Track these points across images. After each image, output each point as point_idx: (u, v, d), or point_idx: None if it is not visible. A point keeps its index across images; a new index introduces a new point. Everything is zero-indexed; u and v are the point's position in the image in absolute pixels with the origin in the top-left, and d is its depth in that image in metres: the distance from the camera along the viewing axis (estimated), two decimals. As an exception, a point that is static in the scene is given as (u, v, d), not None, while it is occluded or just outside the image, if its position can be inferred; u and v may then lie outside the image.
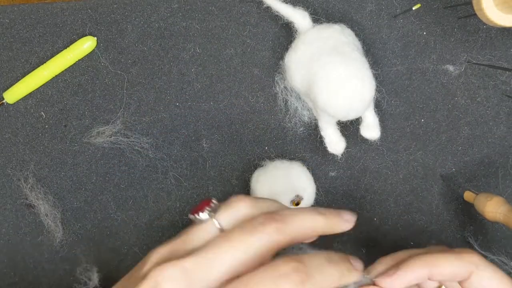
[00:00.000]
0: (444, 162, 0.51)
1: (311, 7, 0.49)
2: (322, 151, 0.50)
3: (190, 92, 0.51)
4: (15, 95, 0.50)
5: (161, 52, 0.51)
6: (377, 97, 0.49)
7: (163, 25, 0.51)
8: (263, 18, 0.51)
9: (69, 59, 0.50)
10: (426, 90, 0.51)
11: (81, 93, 0.51)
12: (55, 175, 0.51)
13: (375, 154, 0.51)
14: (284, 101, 0.50)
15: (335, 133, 0.48)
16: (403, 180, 0.51)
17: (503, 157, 0.51)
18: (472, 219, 0.51)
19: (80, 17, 0.50)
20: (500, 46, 0.50)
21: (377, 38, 0.51)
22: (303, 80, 0.46)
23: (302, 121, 0.50)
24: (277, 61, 0.50)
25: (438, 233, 0.51)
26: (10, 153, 0.51)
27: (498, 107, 0.51)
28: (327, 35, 0.45)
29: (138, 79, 0.51)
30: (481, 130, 0.51)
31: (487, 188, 0.51)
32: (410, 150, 0.51)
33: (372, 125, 0.48)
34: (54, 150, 0.51)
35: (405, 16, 0.51)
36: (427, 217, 0.51)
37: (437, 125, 0.51)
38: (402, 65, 0.51)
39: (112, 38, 0.51)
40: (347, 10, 0.50)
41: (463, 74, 0.51)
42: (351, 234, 0.51)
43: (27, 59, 0.51)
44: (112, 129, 0.50)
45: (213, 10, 0.51)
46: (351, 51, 0.44)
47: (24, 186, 0.50)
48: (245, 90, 0.51)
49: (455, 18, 0.51)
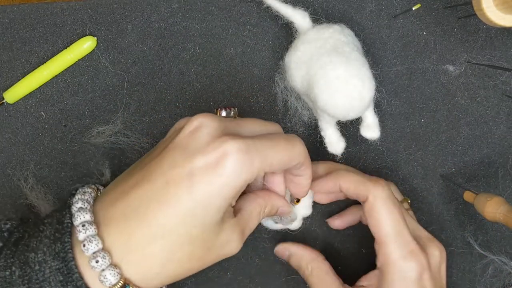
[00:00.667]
0: (444, 162, 0.51)
1: (311, 7, 0.49)
2: (322, 151, 0.50)
3: (190, 92, 0.51)
4: (15, 95, 0.50)
5: (161, 52, 0.51)
6: (377, 97, 0.49)
7: (163, 25, 0.51)
8: (263, 18, 0.51)
9: (69, 59, 0.50)
10: (426, 90, 0.51)
11: (81, 93, 0.51)
12: (55, 175, 0.51)
13: (375, 154, 0.51)
14: (284, 101, 0.50)
15: (335, 133, 0.48)
16: (403, 180, 0.51)
17: (503, 157, 0.51)
18: (472, 219, 0.51)
19: (80, 17, 0.50)
20: (500, 46, 0.50)
21: (377, 38, 0.51)
22: (303, 80, 0.46)
23: (302, 121, 0.50)
24: (277, 61, 0.50)
25: (438, 233, 0.51)
26: (10, 153, 0.51)
27: (498, 107, 0.51)
28: (327, 35, 0.45)
29: (138, 79, 0.51)
30: (481, 130, 0.51)
31: (487, 188, 0.51)
32: (410, 150, 0.51)
33: (372, 125, 0.48)
34: (54, 150, 0.51)
35: (405, 16, 0.51)
36: (427, 217, 0.51)
37: (437, 125, 0.51)
38: (402, 65, 0.51)
39: (112, 38, 0.51)
40: (347, 10, 0.50)
41: (463, 74, 0.51)
42: (351, 234, 0.51)
43: (27, 59, 0.51)
44: (112, 129, 0.50)
45: (213, 10, 0.51)
46: (351, 51, 0.44)
47: (24, 186, 0.50)
48: (245, 90, 0.51)
49: (455, 18, 0.51)
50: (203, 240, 0.34)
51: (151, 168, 0.34)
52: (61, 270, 0.33)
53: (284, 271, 0.51)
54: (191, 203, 0.33)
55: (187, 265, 0.35)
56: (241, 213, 0.38)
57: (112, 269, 0.33)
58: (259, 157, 0.34)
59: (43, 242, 0.34)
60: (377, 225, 0.41)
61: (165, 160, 0.34)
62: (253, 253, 0.51)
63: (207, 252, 0.35)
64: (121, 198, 0.35)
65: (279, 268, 0.51)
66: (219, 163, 0.33)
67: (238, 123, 0.38)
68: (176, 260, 0.34)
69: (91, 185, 0.39)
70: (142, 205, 0.34)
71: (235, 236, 0.37)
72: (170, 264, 0.34)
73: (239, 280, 0.51)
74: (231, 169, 0.33)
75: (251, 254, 0.51)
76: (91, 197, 0.37)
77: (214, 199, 0.33)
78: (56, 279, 0.33)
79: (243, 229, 0.38)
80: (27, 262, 0.34)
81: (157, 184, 0.34)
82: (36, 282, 0.33)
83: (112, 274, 0.33)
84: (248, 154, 0.34)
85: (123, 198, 0.35)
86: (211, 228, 0.34)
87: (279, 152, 0.36)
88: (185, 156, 0.33)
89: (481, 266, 0.50)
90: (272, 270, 0.51)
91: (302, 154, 0.38)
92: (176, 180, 0.33)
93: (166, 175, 0.33)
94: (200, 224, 0.34)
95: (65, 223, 0.35)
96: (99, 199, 0.37)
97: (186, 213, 0.33)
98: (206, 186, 0.33)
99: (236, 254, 0.50)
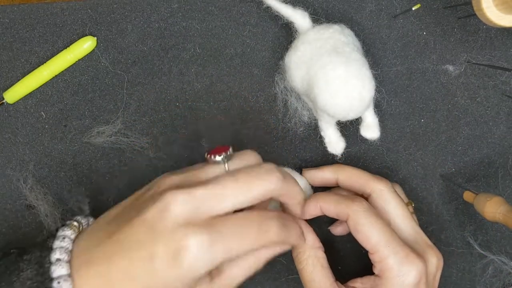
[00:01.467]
0: (444, 162, 0.51)
1: (311, 7, 0.49)
2: (322, 151, 0.50)
3: (190, 92, 0.51)
4: (15, 95, 0.50)
5: (161, 52, 0.51)
6: (377, 97, 0.49)
7: (163, 25, 0.51)
8: (263, 18, 0.51)
9: (69, 59, 0.50)
10: (426, 90, 0.51)
11: (81, 93, 0.51)
12: (55, 175, 0.51)
13: (375, 154, 0.51)
14: (284, 101, 0.50)
15: (335, 133, 0.48)
16: (403, 180, 0.51)
17: (503, 157, 0.51)
18: (472, 219, 0.51)
19: (80, 17, 0.50)
20: (500, 46, 0.50)
21: (377, 38, 0.51)
22: (303, 80, 0.46)
23: (302, 121, 0.50)
24: (277, 61, 0.50)
25: (438, 233, 0.51)
26: (10, 153, 0.51)
27: (498, 107, 0.51)
28: (327, 35, 0.45)
29: (138, 79, 0.51)
30: (481, 130, 0.51)
31: (487, 188, 0.51)
32: (410, 150, 0.51)
33: (372, 125, 0.48)
34: (54, 150, 0.51)
35: (405, 16, 0.51)
36: (427, 217, 0.51)
37: (437, 125, 0.51)
38: (402, 65, 0.51)
39: (112, 38, 0.51)
40: (347, 10, 0.50)
41: (463, 74, 0.51)
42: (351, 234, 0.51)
43: (27, 59, 0.51)
44: (112, 129, 0.50)
45: (213, 10, 0.51)
46: (351, 51, 0.44)
47: (23, 186, 0.50)
48: (245, 90, 0.51)
49: (455, 18, 0.51)
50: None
51: (120, 242, 0.36)
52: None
53: (284, 271, 0.51)
54: (152, 283, 0.35)
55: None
56: (221, 276, 0.39)
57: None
58: (222, 250, 0.35)
59: (26, 284, 0.35)
60: (365, 238, 0.42)
61: (133, 235, 0.36)
62: (253, 253, 0.51)
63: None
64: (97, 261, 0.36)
65: (279, 268, 0.51)
66: (178, 256, 0.34)
67: (216, 197, 0.36)
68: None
69: (73, 223, 0.40)
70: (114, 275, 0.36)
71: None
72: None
73: (239, 280, 0.51)
74: (189, 263, 0.34)
75: (251, 254, 0.51)
76: (70, 243, 0.38)
77: (172, 284, 0.35)
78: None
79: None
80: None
81: (124, 262, 0.35)
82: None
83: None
84: (210, 248, 0.34)
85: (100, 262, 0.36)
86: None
87: (248, 242, 0.36)
88: (150, 239, 0.35)
89: (481, 266, 0.50)
90: (272, 270, 0.51)
91: (276, 237, 0.37)
92: (141, 260, 0.35)
93: (132, 250, 0.35)
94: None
95: (45, 267, 0.36)
96: (77, 245, 0.38)
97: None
98: (164, 273, 0.35)
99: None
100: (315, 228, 0.51)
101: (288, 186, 0.39)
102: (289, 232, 0.39)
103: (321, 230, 0.51)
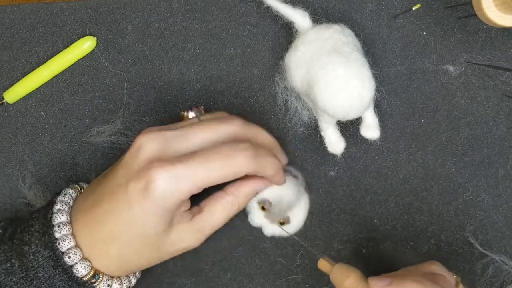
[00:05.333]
0: (444, 162, 0.51)
1: (311, 7, 0.49)
2: (322, 151, 0.50)
3: (190, 92, 0.51)
4: (15, 95, 0.50)
5: (161, 52, 0.51)
6: (377, 97, 0.49)
7: (163, 25, 0.51)
8: (263, 18, 0.51)
9: (69, 59, 0.50)
10: (426, 90, 0.51)
11: (81, 93, 0.51)
12: (55, 175, 0.51)
13: (375, 154, 0.51)
14: (284, 101, 0.50)
15: (335, 133, 0.48)
16: (403, 180, 0.51)
17: (503, 157, 0.51)
18: (472, 219, 0.51)
19: (80, 17, 0.50)
20: (500, 46, 0.50)
21: (377, 38, 0.51)
22: (303, 80, 0.46)
23: (302, 121, 0.50)
24: (277, 61, 0.50)
25: (438, 233, 0.51)
26: (10, 152, 0.51)
27: (498, 107, 0.51)
28: (327, 35, 0.45)
29: (138, 79, 0.51)
30: (481, 130, 0.51)
31: (487, 188, 0.51)
32: (410, 150, 0.51)
33: (372, 125, 0.48)
34: (54, 150, 0.51)
35: (405, 16, 0.51)
36: (427, 217, 0.51)
37: (437, 125, 0.51)
38: (402, 65, 0.51)
39: (112, 38, 0.51)
40: (347, 10, 0.50)
41: (463, 74, 0.51)
42: (351, 234, 0.51)
43: (27, 59, 0.51)
44: (112, 129, 0.50)
45: (213, 10, 0.51)
46: (351, 51, 0.44)
47: (22, 186, 0.50)
48: (245, 90, 0.51)
49: (455, 18, 0.51)
50: (150, 243, 0.41)
51: (108, 184, 0.41)
52: (51, 257, 0.40)
53: (284, 271, 0.51)
54: (131, 217, 0.40)
55: (143, 260, 0.42)
56: (202, 213, 0.43)
57: (83, 262, 0.40)
58: (187, 181, 0.39)
59: (34, 235, 0.41)
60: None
61: (115, 179, 0.41)
62: (253, 253, 0.51)
63: (158, 250, 0.42)
64: (90, 207, 0.42)
65: (279, 268, 0.51)
66: (147, 189, 0.39)
67: (184, 136, 0.41)
68: (131, 257, 0.41)
69: (75, 185, 0.46)
70: (101, 215, 0.41)
71: (189, 235, 0.42)
72: (127, 260, 0.42)
73: (239, 280, 0.51)
74: (157, 195, 0.38)
75: (251, 254, 0.51)
76: (71, 199, 0.43)
77: (148, 217, 0.39)
78: (48, 265, 0.40)
79: (201, 228, 0.42)
80: (23, 254, 0.40)
81: (110, 201, 0.41)
82: (32, 269, 0.40)
83: (83, 266, 0.40)
84: (174, 179, 0.38)
85: (91, 208, 0.41)
86: (155, 235, 0.40)
87: (214, 171, 0.39)
88: (126, 178, 0.40)
89: (481, 265, 0.50)
90: (272, 270, 0.51)
91: (246, 164, 0.40)
92: (120, 198, 0.40)
93: (114, 193, 0.40)
94: (142, 233, 0.40)
95: (49, 219, 0.42)
96: (77, 201, 0.43)
97: (130, 224, 0.40)
98: (139, 206, 0.39)
99: (236, 254, 0.51)
100: (315, 228, 0.51)
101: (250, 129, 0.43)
102: (261, 163, 0.41)
103: (322, 230, 0.51)
